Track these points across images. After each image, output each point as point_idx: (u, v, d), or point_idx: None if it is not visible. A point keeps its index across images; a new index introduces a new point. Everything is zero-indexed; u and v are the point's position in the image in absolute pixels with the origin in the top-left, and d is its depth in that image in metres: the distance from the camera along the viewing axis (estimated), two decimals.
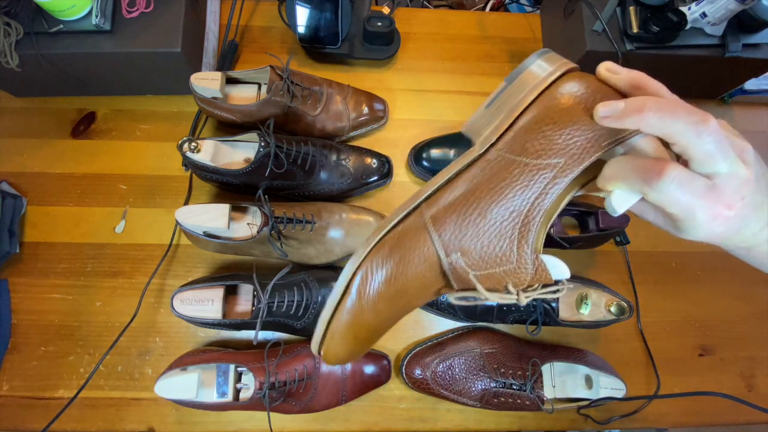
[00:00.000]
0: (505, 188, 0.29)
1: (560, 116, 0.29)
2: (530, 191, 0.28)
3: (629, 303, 0.60)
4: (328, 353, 0.31)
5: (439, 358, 0.59)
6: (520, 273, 0.29)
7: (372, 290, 0.29)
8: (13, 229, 0.62)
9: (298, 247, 0.60)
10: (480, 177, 0.30)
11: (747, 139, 0.28)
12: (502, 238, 0.29)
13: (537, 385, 0.57)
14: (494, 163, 0.30)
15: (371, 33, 0.69)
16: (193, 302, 0.55)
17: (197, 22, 0.67)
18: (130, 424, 0.59)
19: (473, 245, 0.29)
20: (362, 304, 0.29)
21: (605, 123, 0.27)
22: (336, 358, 0.32)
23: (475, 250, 0.29)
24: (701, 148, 0.25)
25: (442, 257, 0.29)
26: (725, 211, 0.26)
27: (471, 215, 0.29)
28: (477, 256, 0.29)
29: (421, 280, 0.30)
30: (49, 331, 0.61)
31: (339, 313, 0.30)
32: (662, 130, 0.25)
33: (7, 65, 0.57)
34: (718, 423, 0.64)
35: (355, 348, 0.32)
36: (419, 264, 0.30)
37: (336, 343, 0.31)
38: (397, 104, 0.74)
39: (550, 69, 0.31)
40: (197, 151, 0.58)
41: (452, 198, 0.30)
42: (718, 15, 0.58)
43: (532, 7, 0.96)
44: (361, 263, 0.30)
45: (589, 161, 0.28)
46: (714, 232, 0.27)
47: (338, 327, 0.30)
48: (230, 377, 0.55)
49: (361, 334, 0.31)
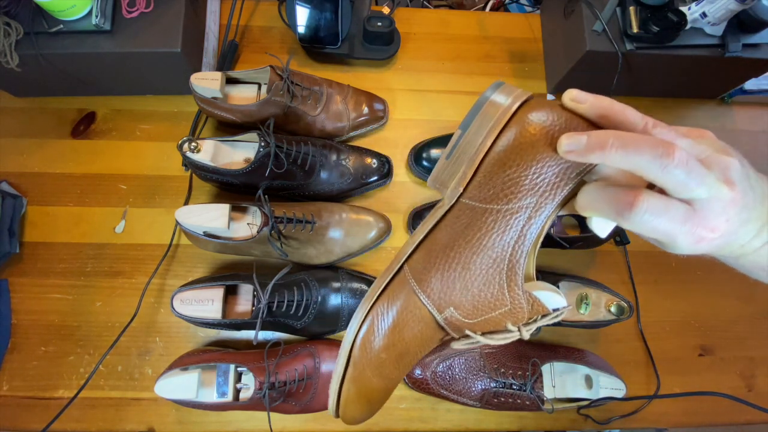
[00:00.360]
0: (482, 238, 0.28)
1: (522, 154, 0.27)
2: (508, 236, 0.28)
3: (629, 303, 0.60)
4: (346, 417, 0.32)
5: (439, 358, 0.59)
6: (517, 312, 0.29)
7: (373, 359, 0.30)
8: (13, 229, 0.62)
9: (298, 247, 0.60)
10: (455, 230, 0.29)
11: (747, 138, 0.27)
12: (491, 285, 0.29)
13: (537, 385, 0.57)
14: (466, 213, 0.29)
15: (371, 33, 0.69)
16: (193, 302, 0.55)
17: (197, 22, 0.67)
18: (130, 424, 0.59)
19: (464, 298, 0.29)
20: (367, 372, 0.30)
21: (569, 157, 0.26)
22: (354, 420, 0.32)
23: (467, 301, 0.29)
24: (671, 180, 0.24)
25: (436, 315, 0.29)
26: (709, 234, 0.25)
27: (455, 270, 0.29)
28: (470, 306, 0.29)
29: (420, 338, 0.30)
30: (49, 331, 0.61)
31: (347, 384, 0.30)
32: (627, 165, 0.24)
33: (7, 65, 0.57)
34: (718, 423, 0.64)
35: (371, 408, 0.32)
36: (415, 326, 0.30)
37: (351, 409, 0.31)
38: (397, 104, 0.74)
39: (505, 104, 0.29)
40: (197, 151, 0.58)
41: (432, 255, 0.29)
42: (718, 15, 0.58)
43: (532, 7, 0.96)
44: (357, 333, 0.30)
45: (561, 195, 0.27)
46: (699, 252, 0.26)
47: (349, 395, 0.31)
48: (230, 377, 0.55)
49: (373, 397, 0.32)
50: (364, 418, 0.33)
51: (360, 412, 0.32)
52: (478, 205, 0.29)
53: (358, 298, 0.60)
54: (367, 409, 0.32)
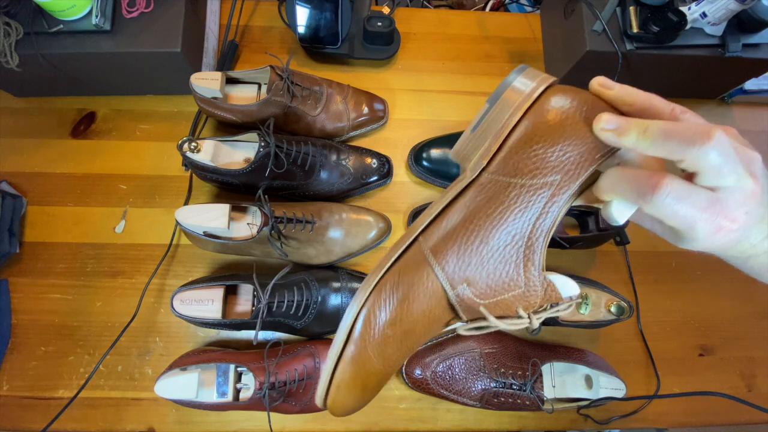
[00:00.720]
0: (504, 212, 0.28)
1: (550, 133, 0.28)
2: (530, 212, 0.28)
3: (629, 303, 0.60)
4: (335, 406, 0.29)
5: (439, 358, 0.59)
6: (530, 296, 0.28)
7: (377, 335, 0.28)
8: (13, 229, 0.62)
9: (298, 247, 0.60)
10: (476, 203, 0.29)
11: (747, 138, 0.27)
12: (507, 263, 0.28)
13: (537, 385, 0.57)
14: (488, 187, 0.29)
15: (371, 33, 0.69)
16: (193, 302, 0.55)
17: (197, 22, 0.67)
18: (130, 424, 0.59)
19: (479, 274, 0.28)
20: (368, 351, 0.28)
21: (603, 135, 0.26)
22: (344, 409, 0.30)
23: (481, 278, 0.28)
24: (707, 163, 0.24)
25: (448, 290, 0.28)
26: (728, 224, 0.25)
27: (473, 243, 0.28)
28: (484, 284, 0.28)
29: (428, 316, 0.29)
30: (49, 331, 0.61)
31: (343, 364, 0.28)
32: (663, 148, 0.24)
33: (7, 65, 0.57)
34: (718, 423, 0.64)
35: (364, 396, 0.30)
36: (425, 300, 0.28)
37: (343, 395, 0.29)
38: (397, 104, 0.74)
39: (532, 85, 0.29)
40: (197, 151, 0.58)
41: (450, 227, 0.29)
42: (718, 15, 0.58)
43: (532, 7, 0.96)
44: (362, 308, 0.28)
45: (585, 175, 0.27)
46: (715, 244, 0.26)
47: (343, 378, 0.28)
48: (230, 377, 0.55)
49: (369, 382, 0.29)
50: (354, 408, 0.30)
51: (352, 400, 0.29)
52: (502, 178, 0.28)
53: None
54: (360, 397, 0.30)
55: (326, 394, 0.29)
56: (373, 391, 0.31)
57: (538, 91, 0.29)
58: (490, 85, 0.75)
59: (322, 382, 0.29)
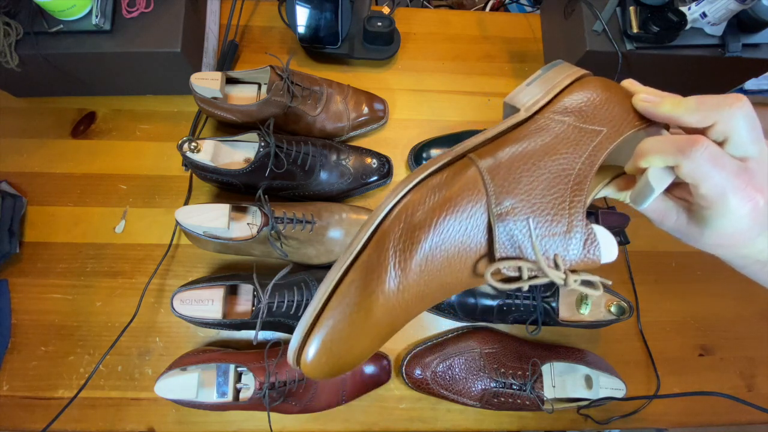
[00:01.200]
0: (557, 144, 0.29)
1: (602, 92, 0.30)
2: (581, 151, 0.28)
3: (629, 303, 0.60)
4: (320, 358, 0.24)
5: (439, 358, 0.59)
6: (571, 242, 0.27)
7: (406, 233, 0.25)
8: (13, 229, 0.62)
9: (298, 247, 0.60)
10: (529, 131, 0.29)
11: None
12: (556, 191, 0.27)
13: (537, 385, 0.57)
14: (543, 123, 0.30)
15: (371, 33, 0.69)
16: (193, 302, 0.55)
17: (197, 22, 0.67)
18: (130, 424, 0.59)
19: (526, 195, 0.27)
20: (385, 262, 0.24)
21: (641, 106, 0.29)
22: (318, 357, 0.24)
23: (528, 203, 0.27)
24: (737, 125, 0.25)
25: (493, 205, 0.26)
26: (757, 195, 0.25)
27: (525, 164, 0.28)
28: (529, 211, 0.27)
29: (463, 237, 0.26)
30: (49, 331, 0.61)
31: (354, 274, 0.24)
32: (696, 116, 0.27)
33: (7, 65, 0.57)
34: (718, 423, 0.64)
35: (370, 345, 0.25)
36: (465, 214, 0.26)
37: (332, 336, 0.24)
38: (397, 104, 0.74)
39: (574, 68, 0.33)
40: (197, 151, 0.58)
41: (505, 148, 0.29)
42: (718, 15, 0.58)
43: (532, 7, 0.96)
44: (397, 201, 0.26)
45: (626, 134, 0.29)
46: (742, 223, 0.26)
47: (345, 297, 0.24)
48: (230, 377, 0.55)
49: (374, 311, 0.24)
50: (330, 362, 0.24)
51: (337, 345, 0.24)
52: (557, 117, 0.30)
53: None
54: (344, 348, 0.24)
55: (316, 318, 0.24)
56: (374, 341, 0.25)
57: (583, 71, 0.33)
58: (490, 85, 0.75)
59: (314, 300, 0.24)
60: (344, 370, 0.26)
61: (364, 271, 0.24)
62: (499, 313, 0.60)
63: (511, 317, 0.60)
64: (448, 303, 0.61)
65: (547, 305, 0.59)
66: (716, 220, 0.27)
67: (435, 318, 0.65)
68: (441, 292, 0.27)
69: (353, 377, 0.58)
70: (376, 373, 0.59)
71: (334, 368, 0.25)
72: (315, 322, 0.24)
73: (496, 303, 0.60)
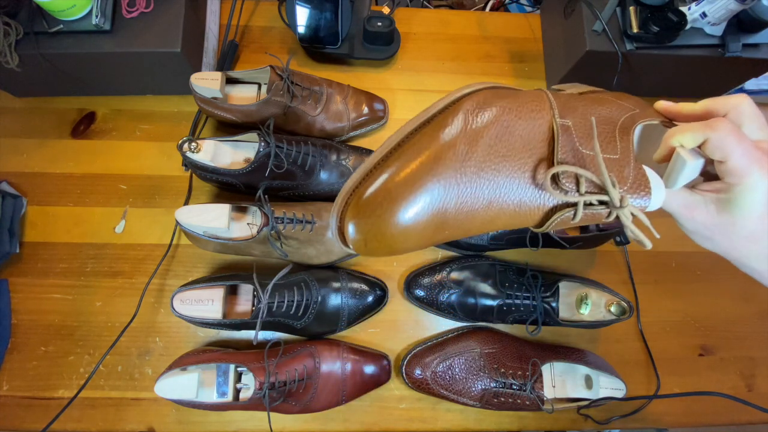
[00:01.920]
0: (613, 102, 0.32)
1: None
2: (623, 112, 0.31)
3: (629, 303, 0.60)
4: (377, 197, 0.23)
5: (439, 358, 0.59)
6: (623, 167, 0.28)
7: (477, 119, 0.27)
8: (13, 229, 0.62)
9: (298, 247, 0.60)
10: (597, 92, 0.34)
11: None
12: (605, 129, 0.29)
13: (537, 385, 0.57)
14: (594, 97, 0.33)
15: (371, 33, 0.69)
16: (193, 302, 0.55)
17: (197, 22, 0.67)
18: (130, 424, 0.59)
19: (582, 120, 0.29)
20: (457, 132, 0.25)
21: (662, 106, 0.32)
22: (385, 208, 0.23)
23: (586, 121, 0.29)
24: (745, 110, 0.29)
25: (557, 116, 0.28)
26: None
27: (581, 102, 0.31)
28: (585, 129, 0.28)
29: (527, 137, 0.27)
30: (49, 331, 0.61)
31: (421, 137, 0.24)
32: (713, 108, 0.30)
33: (7, 65, 0.57)
34: (718, 423, 0.64)
35: (422, 212, 0.25)
36: (531, 113, 0.28)
37: (401, 183, 0.23)
38: (397, 104, 0.74)
39: None
40: (197, 151, 0.58)
41: (567, 91, 0.33)
42: (718, 15, 0.58)
43: (532, 7, 0.96)
44: (479, 90, 0.28)
45: (648, 120, 0.31)
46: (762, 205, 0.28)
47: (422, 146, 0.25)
48: (230, 377, 0.55)
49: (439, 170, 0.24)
50: (382, 207, 0.23)
51: (396, 188, 0.23)
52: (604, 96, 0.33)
53: (358, 298, 0.60)
54: (401, 194, 0.24)
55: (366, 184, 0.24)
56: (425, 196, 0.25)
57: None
58: None
59: (383, 146, 0.24)
60: (385, 231, 0.24)
61: (440, 127, 0.26)
62: (499, 313, 0.60)
63: (511, 317, 0.60)
64: (449, 303, 0.61)
65: (547, 305, 0.59)
66: (746, 197, 0.28)
67: (435, 318, 0.65)
68: (497, 190, 0.27)
69: (353, 377, 0.58)
70: (376, 373, 0.59)
71: (381, 220, 0.24)
72: (379, 164, 0.24)
73: (496, 303, 0.60)
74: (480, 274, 0.62)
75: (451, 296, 0.61)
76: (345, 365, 0.58)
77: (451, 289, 0.61)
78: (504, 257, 0.67)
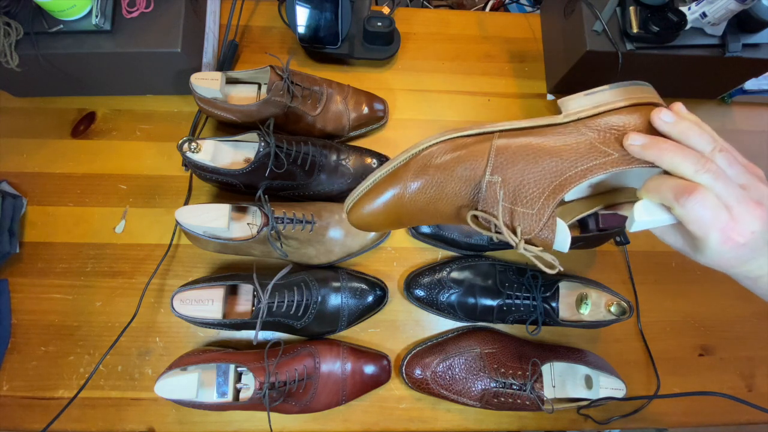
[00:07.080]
0: (564, 151, 0.33)
1: (641, 122, 0.33)
2: (579, 163, 0.33)
3: (629, 303, 0.60)
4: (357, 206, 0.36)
5: (439, 358, 0.59)
6: (534, 222, 0.33)
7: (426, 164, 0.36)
8: (13, 229, 0.62)
9: (298, 247, 0.60)
10: (552, 133, 0.35)
11: (747, 138, 0.29)
12: (539, 186, 0.33)
13: (537, 385, 0.57)
14: (568, 130, 0.34)
15: (371, 33, 0.69)
16: (193, 302, 0.55)
17: (197, 22, 0.67)
18: (130, 424, 0.59)
19: (515, 178, 0.34)
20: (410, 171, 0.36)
21: (630, 149, 0.31)
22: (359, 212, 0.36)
23: (514, 182, 0.34)
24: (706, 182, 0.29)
25: (487, 173, 0.34)
26: (737, 237, 0.29)
27: (528, 156, 0.34)
28: (512, 188, 0.34)
29: (460, 181, 0.35)
30: (49, 331, 0.61)
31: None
32: (669, 164, 0.30)
33: (7, 65, 0.57)
34: (718, 423, 0.64)
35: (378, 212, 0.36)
36: (467, 169, 0.35)
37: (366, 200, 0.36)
38: (397, 104, 0.74)
39: (652, 95, 0.35)
40: (197, 151, 0.58)
41: (521, 139, 0.35)
42: (718, 15, 0.58)
43: (532, 7, 0.96)
44: (436, 143, 0.36)
45: (626, 167, 0.32)
46: (725, 256, 0.31)
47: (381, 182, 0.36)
48: (230, 377, 0.55)
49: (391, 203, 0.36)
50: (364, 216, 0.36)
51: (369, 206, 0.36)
52: (583, 129, 0.34)
53: (358, 298, 0.60)
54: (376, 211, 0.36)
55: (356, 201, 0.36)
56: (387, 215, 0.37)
57: (653, 99, 0.34)
58: (490, 85, 0.75)
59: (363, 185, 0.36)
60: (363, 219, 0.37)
61: (395, 176, 0.36)
62: (499, 313, 0.60)
63: (511, 317, 0.60)
64: (449, 303, 0.61)
65: (547, 305, 0.59)
66: (703, 250, 0.31)
67: (435, 318, 0.65)
68: (435, 213, 0.37)
69: (353, 377, 0.58)
70: (376, 373, 0.59)
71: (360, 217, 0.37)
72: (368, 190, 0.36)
73: (496, 303, 0.60)
74: (480, 274, 0.62)
75: (451, 296, 0.61)
76: (345, 365, 0.58)
77: (451, 289, 0.61)
78: (504, 257, 0.67)
